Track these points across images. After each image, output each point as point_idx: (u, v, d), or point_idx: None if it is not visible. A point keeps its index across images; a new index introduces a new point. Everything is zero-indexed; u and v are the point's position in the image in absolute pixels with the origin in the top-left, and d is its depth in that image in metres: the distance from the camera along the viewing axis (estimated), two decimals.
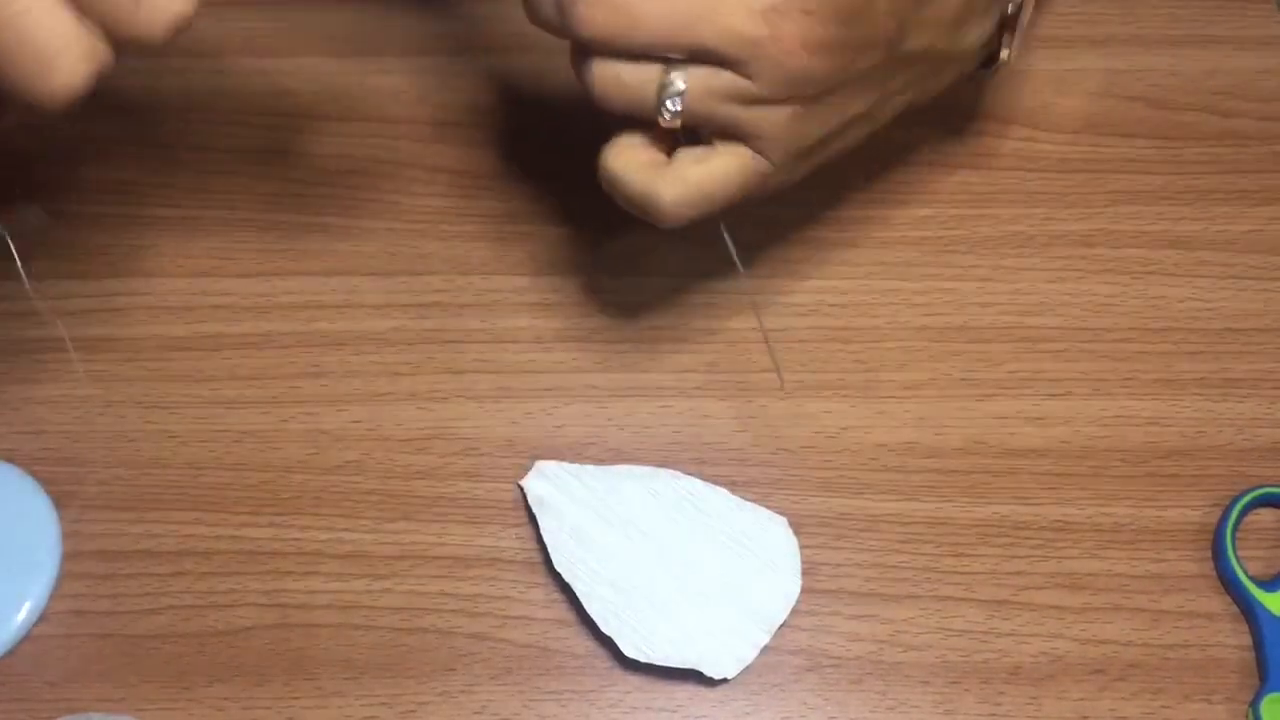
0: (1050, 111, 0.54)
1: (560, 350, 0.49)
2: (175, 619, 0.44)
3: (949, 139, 0.53)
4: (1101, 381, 0.48)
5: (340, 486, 0.46)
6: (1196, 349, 0.49)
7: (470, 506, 0.46)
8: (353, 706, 0.42)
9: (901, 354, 0.49)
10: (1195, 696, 0.42)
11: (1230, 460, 0.47)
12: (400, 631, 0.44)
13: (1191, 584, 0.44)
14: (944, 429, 0.47)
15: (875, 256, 0.51)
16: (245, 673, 0.43)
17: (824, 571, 0.44)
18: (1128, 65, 0.55)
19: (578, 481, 0.45)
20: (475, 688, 0.43)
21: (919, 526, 0.45)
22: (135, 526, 0.45)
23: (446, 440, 0.47)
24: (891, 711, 0.42)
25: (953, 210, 0.52)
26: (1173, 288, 0.50)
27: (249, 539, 0.45)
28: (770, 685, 0.43)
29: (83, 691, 0.43)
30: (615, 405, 0.48)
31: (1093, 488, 0.46)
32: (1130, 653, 0.43)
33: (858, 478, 0.46)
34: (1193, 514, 0.46)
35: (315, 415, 0.48)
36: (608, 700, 0.43)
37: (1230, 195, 0.52)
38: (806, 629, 0.43)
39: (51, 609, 0.44)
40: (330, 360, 0.49)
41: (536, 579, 0.45)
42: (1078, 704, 0.42)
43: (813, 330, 0.49)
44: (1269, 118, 0.54)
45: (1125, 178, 0.53)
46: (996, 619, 0.44)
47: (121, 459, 0.47)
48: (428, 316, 0.50)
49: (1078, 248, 0.51)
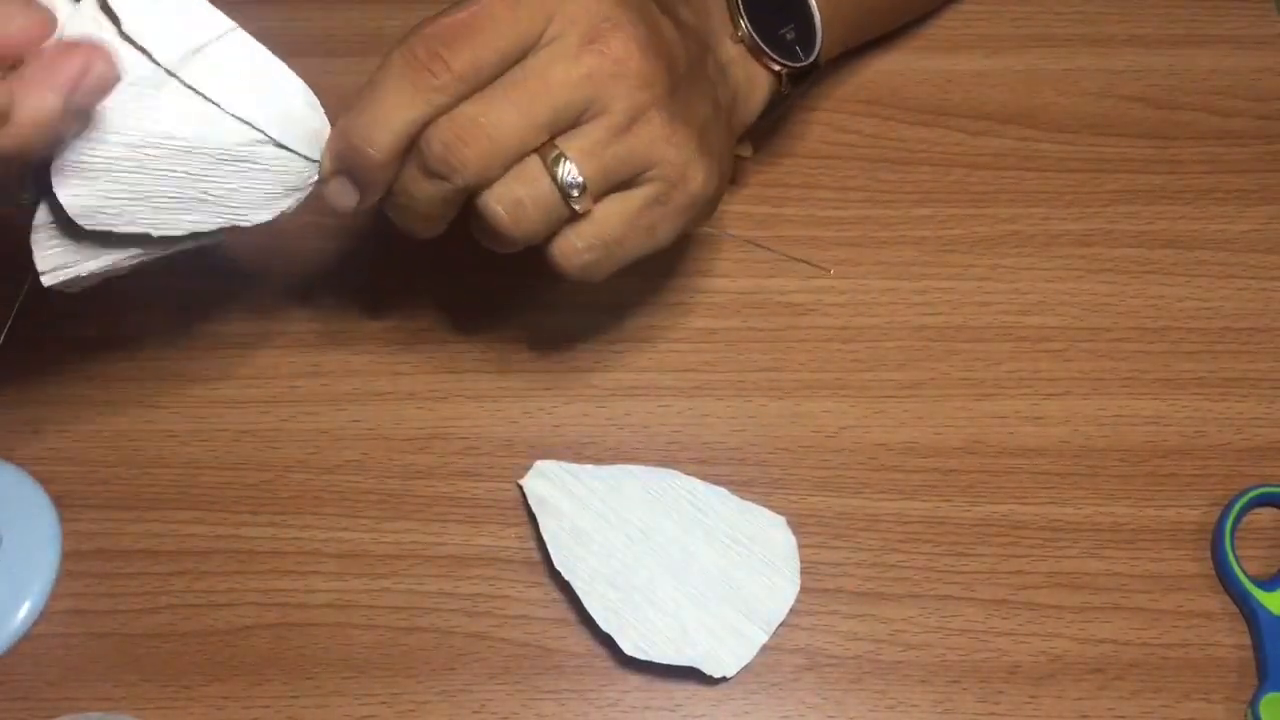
0: (1049, 111, 0.54)
1: (560, 350, 0.49)
2: (174, 618, 0.44)
3: (948, 139, 0.53)
4: (1100, 381, 0.48)
5: (339, 486, 0.46)
6: (1195, 348, 0.49)
7: (470, 506, 0.46)
8: (352, 706, 0.42)
9: (900, 353, 0.49)
10: (1194, 695, 0.42)
11: (1229, 459, 0.47)
12: (399, 631, 0.44)
13: (1190, 583, 0.44)
14: (943, 428, 0.47)
15: (874, 256, 0.51)
16: (244, 672, 0.43)
17: (823, 571, 0.44)
18: (1126, 65, 0.55)
19: (577, 481, 0.45)
20: (474, 687, 0.43)
21: (918, 526, 0.45)
22: (135, 526, 0.45)
23: (446, 440, 0.47)
24: (890, 711, 0.42)
25: (951, 210, 0.52)
26: (1171, 287, 0.50)
27: (248, 538, 0.45)
28: (769, 684, 0.43)
29: (82, 691, 0.43)
30: (615, 405, 0.48)
31: (1091, 487, 0.46)
32: (1129, 652, 0.43)
33: (857, 477, 0.46)
34: (1192, 513, 0.46)
35: (315, 415, 0.48)
36: (607, 699, 0.43)
37: (1229, 195, 0.52)
38: (805, 628, 0.44)
39: (51, 609, 0.44)
40: (330, 360, 0.49)
41: (536, 578, 0.45)
42: (1076, 703, 0.42)
43: (812, 330, 0.49)
44: (1267, 117, 0.54)
45: (1124, 177, 0.53)
46: (995, 618, 0.44)
47: (121, 459, 0.47)
48: (427, 316, 0.50)
49: (1076, 247, 0.51)
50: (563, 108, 0.36)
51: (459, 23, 0.36)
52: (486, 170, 0.37)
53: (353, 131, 0.36)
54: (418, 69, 0.35)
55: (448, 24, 0.36)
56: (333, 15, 0.56)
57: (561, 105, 0.36)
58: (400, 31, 0.37)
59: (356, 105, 0.37)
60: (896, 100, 0.54)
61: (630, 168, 0.38)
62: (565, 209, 0.38)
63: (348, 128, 0.37)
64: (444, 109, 0.36)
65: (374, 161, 0.37)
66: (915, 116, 0.54)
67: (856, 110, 0.54)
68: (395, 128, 0.36)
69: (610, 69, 0.36)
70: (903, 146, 0.53)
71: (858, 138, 0.54)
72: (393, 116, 0.36)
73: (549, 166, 0.37)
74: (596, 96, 0.37)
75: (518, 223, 0.37)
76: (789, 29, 0.45)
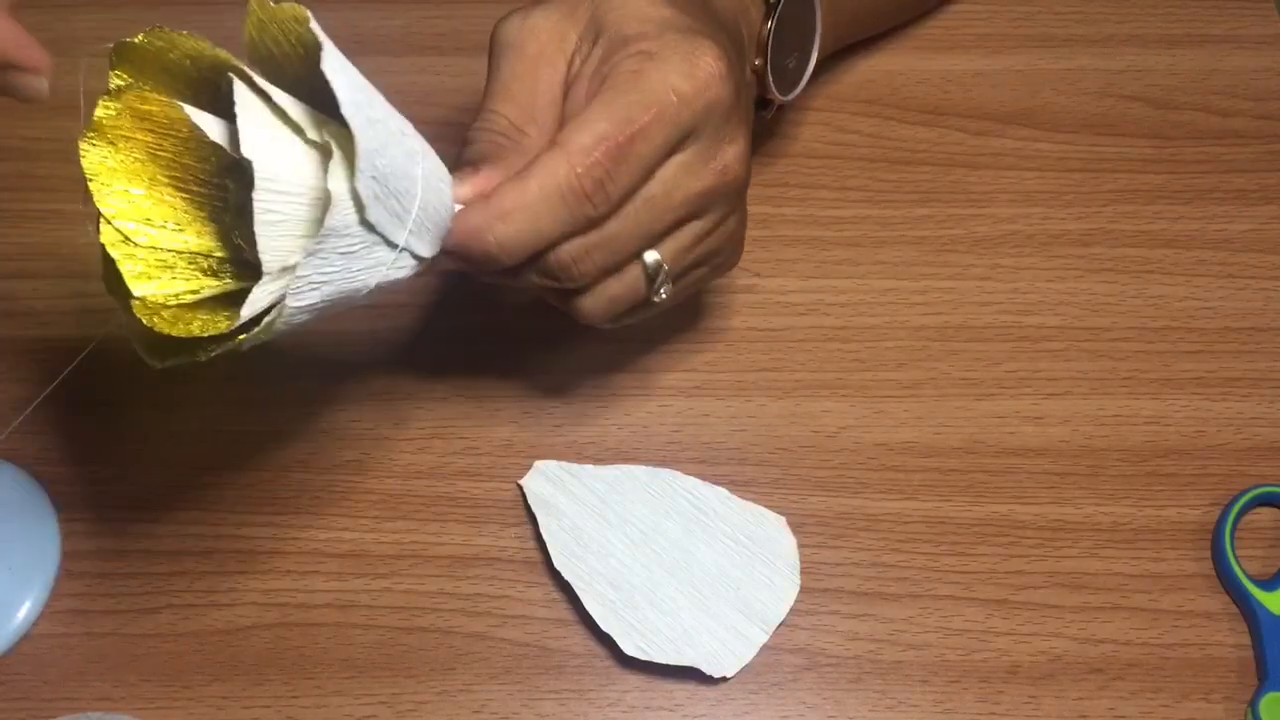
0: (1048, 111, 0.54)
1: (560, 350, 0.49)
2: (174, 618, 0.44)
3: (947, 138, 0.53)
4: (1100, 381, 0.48)
5: (340, 486, 0.46)
6: (1195, 348, 0.49)
7: (470, 506, 0.46)
8: (352, 705, 0.42)
9: (900, 353, 0.49)
10: (1194, 695, 0.42)
11: (1229, 459, 0.47)
12: (399, 631, 0.44)
13: (1190, 583, 0.44)
14: (942, 428, 0.47)
15: (874, 256, 0.51)
16: (244, 672, 0.43)
17: (823, 571, 0.44)
18: (1126, 65, 0.55)
19: (577, 481, 0.45)
20: (474, 687, 0.43)
21: (918, 526, 0.45)
22: (135, 526, 0.45)
23: (446, 440, 0.47)
24: (890, 710, 0.42)
25: (951, 209, 0.52)
26: (1171, 287, 0.50)
27: (248, 538, 0.45)
28: (769, 684, 0.43)
29: (82, 690, 0.43)
30: (615, 405, 0.48)
31: (1091, 487, 0.46)
32: (1129, 652, 0.43)
33: (856, 477, 0.46)
34: (1191, 513, 0.46)
35: (315, 415, 0.48)
36: (607, 699, 0.43)
37: (1228, 195, 0.52)
38: (805, 628, 0.44)
39: (51, 608, 0.44)
40: (330, 361, 0.49)
41: (536, 578, 0.45)
42: (1076, 703, 0.42)
43: (811, 330, 0.49)
44: (1266, 116, 0.54)
45: (1123, 177, 0.53)
46: (995, 618, 0.44)
47: (121, 459, 0.47)
48: (427, 316, 0.50)
49: (1076, 247, 0.51)
50: (676, 221, 0.38)
51: (622, 148, 0.35)
52: (599, 279, 0.38)
53: (493, 235, 0.35)
54: (580, 199, 0.35)
55: (613, 149, 0.35)
56: (333, 15, 0.56)
57: (677, 219, 0.38)
58: (401, 31, 0.37)
59: (503, 208, 0.35)
60: (896, 100, 0.55)
61: (703, 259, 0.40)
62: (649, 301, 0.39)
63: (486, 229, 0.35)
64: (586, 230, 0.37)
65: (504, 266, 0.36)
66: (915, 116, 0.54)
67: (856, 110, 0.54)
68: (536, 245, 0.36)
69: (723, 189, 0.38)
70: (902, 146, 0.53)
71: (857, 138, 0.54)
72: (541, 236, 0.36)
73: (647, 271, 0.38)
74: (704, 208, 0.38)
75: (607, 315, 0.39)
76: (793, 58, 0.45)
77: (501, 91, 0.38)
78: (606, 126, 0.35)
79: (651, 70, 0.35)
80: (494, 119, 0.38)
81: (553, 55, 0.38)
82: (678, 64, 0.36)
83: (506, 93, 0.38)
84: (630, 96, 0.35)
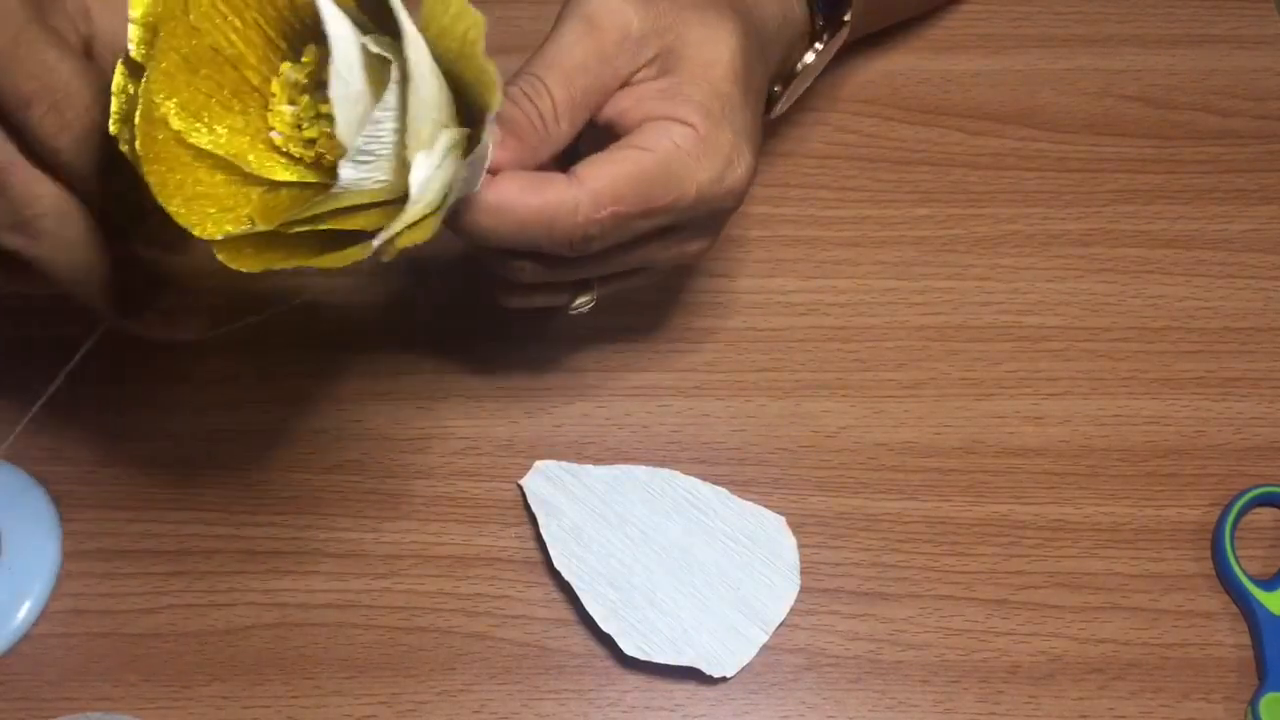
0: (1048, 111, 0.54)
1: (560, 350, 0.49)
2: (174, 618, 0.44)
3: (947, 139, 0.53)
4: (1100, 381, 0.48)
5: (339, 486, 0.46)
6: (1195, 348, 0.49)
7: (469, 506, 0.46)
8: (352, 706, 0.42)
9: (900, 353, 0.49)
10: (1194, 695, 0.42)
11: (1229, 459, 0.47)
12: (399, 631, 0.44)
13: (1190, 583, 0.44)
14: (942, 428, 0.47)
15: (873, 256, 0.51)
16: (244, 672, 0.43)
17: (823, 571, 0.44)
18: (1125, 65, 0.55)
19: (577, 481, 0.45)
20: (474, 687, 0.43)
21: (917, 526, 0.45)
22: (135, 526, 0.45)
23: (446, 440, 0.47)
24: (890, 711, 0.42)
25: (951, 209, 0.52)
26: (1171, 287, 0.50)
27: (248, 538, 0.45)
28: (769, 684, 0.43)
29: (82, 690, 0.43)
30: (615, 405, 0.48)
31: (1091, 487, 0.46)
32: (1129, 652, 0.43)
33: (856, 477, 0.46)
34: (1191, 513, 0.46)
35: (315, 415, 0.48)
36: (607, 699, 0.43)
37: (1228, 194, 0.52)
38: (805, 628, 0.44)
39: (51, 608, 0.44)
40: (330, 360, 0.49)
41: (536, 578, 0.45)
42: (1076, 703, 0.42)
43: (811, 329, 0.49)
44: (1266, 116, 0.54)
45: (1123, 177, 0.53)
46: (995, 618, 0.44)
47: (121, 459, 0.47)
48: (427, 316, 0.50)
49: (1076, 247, 0.51)
50: (627, 270, 0.41)
51: (629, 220, 0.37)
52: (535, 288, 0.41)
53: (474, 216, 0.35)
54: (565, 241, 0.36)
55: (619, 217, 0.36)
56: None
57: (629, 269, 0.41)
58: None
59: (499, 201, 0.35)
60: (896, 100, 0.54)
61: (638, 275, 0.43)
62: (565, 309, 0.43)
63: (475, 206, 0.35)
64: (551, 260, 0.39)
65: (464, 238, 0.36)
66: (915, 116, 0.54)
67: (856, 110, 0.54)
68: (502, 245, 0.37)
69: (680, 259, 0.41)
70: (902, 146, 0.53)
71: (857, 138, 0.54)
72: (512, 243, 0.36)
73: (577, 293, 0.42)
74: (652, 262, 0.41)
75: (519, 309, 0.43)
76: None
77: (564, 62, 0.37)
78: (625, 192, 0.36)
79: (690, 160, 0.37)
80: (541, 95, 0.36)
81: (621, 56, 0.37)
82: (715, 166, 0.37)
83: (563, 71, 0.37)
84: (659, 171, 0.36)
